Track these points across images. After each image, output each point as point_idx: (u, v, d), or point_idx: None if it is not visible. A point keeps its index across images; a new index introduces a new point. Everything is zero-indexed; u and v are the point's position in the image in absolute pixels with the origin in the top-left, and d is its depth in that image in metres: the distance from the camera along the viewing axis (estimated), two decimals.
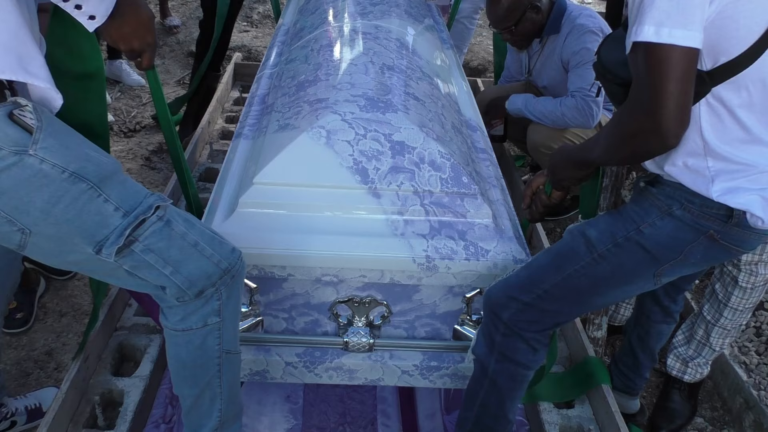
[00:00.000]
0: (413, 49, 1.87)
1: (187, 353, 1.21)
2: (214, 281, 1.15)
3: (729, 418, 2.03)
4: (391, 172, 1.34)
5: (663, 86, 1.01)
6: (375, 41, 1.77)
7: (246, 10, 4.90)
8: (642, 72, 1.05)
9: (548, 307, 1.32)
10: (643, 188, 1.25)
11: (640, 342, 1.82)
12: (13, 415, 1.72)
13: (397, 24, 1.97)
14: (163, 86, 3.85)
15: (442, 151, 1.37)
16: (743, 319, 1.85)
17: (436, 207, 1.35)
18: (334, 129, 1.35)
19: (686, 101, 1.03)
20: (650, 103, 1.03)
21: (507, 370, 1.39)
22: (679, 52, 1.01)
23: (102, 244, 1.04)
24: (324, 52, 1.73)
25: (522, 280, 1.33)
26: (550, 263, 1.31)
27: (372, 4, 2.11)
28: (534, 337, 1.35)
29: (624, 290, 1.31)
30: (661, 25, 1.00)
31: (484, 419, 1.45)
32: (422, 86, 1.64)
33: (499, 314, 1.34)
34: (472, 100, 1.97)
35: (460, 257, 1.34)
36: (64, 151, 1.00)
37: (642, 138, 1.08)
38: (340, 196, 1.34)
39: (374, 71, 1.57)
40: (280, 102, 1.62)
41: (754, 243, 1.21)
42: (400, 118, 1.39)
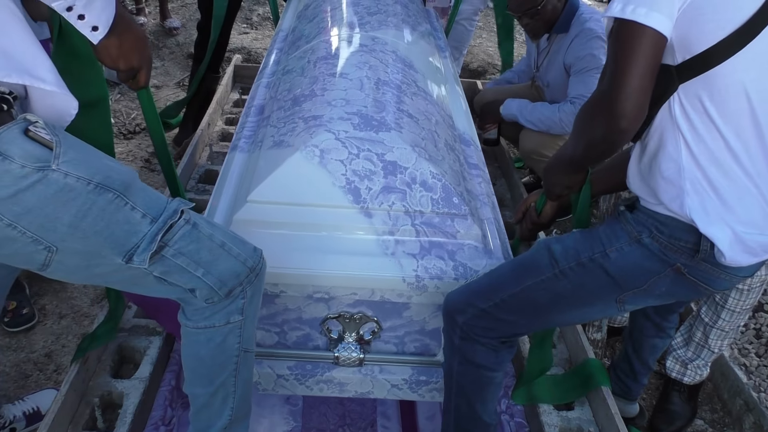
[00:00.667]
0: (409, 61, 1.87)
1: (207, 351, 1.21)
2: (242, 280, 1.15)
3: (729, 420, 2.03)
4: (383, 192, 1.36)
5: (623, 64, 1.02)
6: (371, 54, 1.78)
7: (245, 11, 4.90)
8: (612, 48, 1.06)
9: (504, 317, 1.31)
10: (620, 212, 1.23)
11: (635, 353, 1.83)
12: (11, 422, 1.72)
13: (393, 35, 1.98)
14: (163, 88, 3.86)
15: (434, 171, 1.39)
16: (741, 321, 1.85)
17: (426, 227, 1.37)
18: (328, 148, 1.37)
19: (643, 84, 1.03)
20: (608, 82, 1.04)
21: (470, 373, 1.38)
22: (641, 31, 1.02)
23: (132, 252, 1.03)
24: (320, 65, 1.74)
25: (482, 286, 1.32)
26: (512, 273, 1.30)
27: (369, 14, 2.11)
28: (491, 342, 1.34)
29: (585, 311, 1.29)
30: (628, 3, 1.02)
31: (461, 423, 1.45)
32: (417, 102, 1.65)
33: (455, 318, 1.34)
34: (467, 112, 1.98)
35: (449, 277, 1.37)
36: (86, 163, 1.00)
37: (596, 121, 1.08)
38: (332, 215, 1.36)
39: (369, 87, 1.58)
40: (275, 116, 1.63)
41: (724, 283, 1.18)
42: (393, 138, 1.40)
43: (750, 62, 1.06)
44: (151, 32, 4.42)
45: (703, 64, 1.06)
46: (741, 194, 1.11)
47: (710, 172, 1.10)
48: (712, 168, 1.10)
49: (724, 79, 1.07)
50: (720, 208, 1.10)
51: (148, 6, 4.69)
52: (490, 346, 1.35)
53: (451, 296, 1.37)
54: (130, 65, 1.15)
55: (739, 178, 1.10)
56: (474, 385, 1.40)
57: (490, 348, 1.35)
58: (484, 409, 1.43)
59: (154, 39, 4.37)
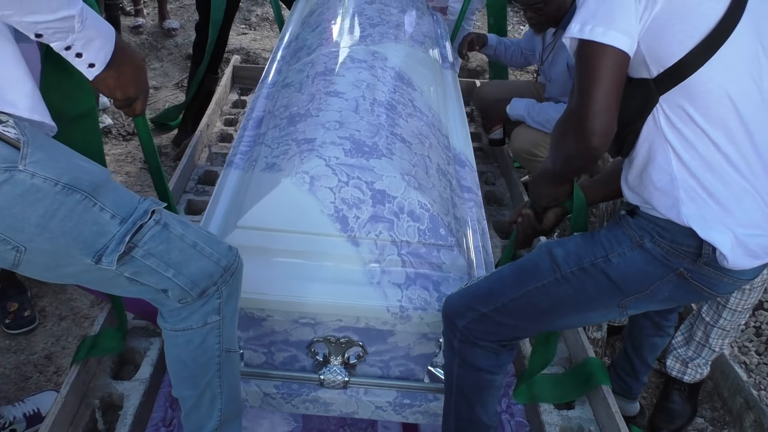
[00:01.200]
0: (408, 78, 1.87)
1: (187, 353, 1.21)
2: (215, 280, 1.15)
3: (729, 419, 2.03)
4: (371, 222, 1.37)
5: (588, 84, 1.04)
6: (370, 71, 1.78)
7: (244, 12, 4.90)
8: (575, 68, 1.08)
9: (505, 321, 1.30)
10: (621, 217, 1.23)
11: (635, 351, 1.83)
12: (11, 423, 1.72)
13: (394, 49, 1.98)
14: (161, 89, 3.86)
15: (422, 201, 1.39)
16: (742, 320, 1.85)
17: (412, 257, 1.38)
18: (318, 175, 1.37)
19: (609, 102, 1.05)
20: (576, 102, 1.07)
21: (469, 376, 1.38)
22: (602, 51, 1.04)
23: (101, 253, 1.03)
24: (318, 81, 1.74)
25: (482, 290, 1.32)
26: (512, 277, 1.29)
27: (372, 25, 2.11)
28: (490, 345, 1.34)
29: (586, 315, 1.29)
30: (585, 23, 1.05)
31: (462, 425, 1.44)
32: (411, 124, 1.65)
33: (454, 321, 1.33)
34: (465, 130, 1.97)
35: (433, 308, 1.37)
36: (55, 163, 0.99)
37: (569, 140, 1.10)
38: (319, 242, 1.37)
39: (364, 108, 1.58)
40: (271, 134, 1.63)
41: (728, 287, 1.17)
42: (384, 165, 1.41)
43: (726, 66, 1.07)
44: (149, 33, 4.42)
45: (678, 75, 1.07)
46: (739, 197, 1.10)
47: (704, 179, 1.10)
48: (706, 174, 1.10)
49: (703, 86, 1.07)
50: (719, 212, 1.10)
51: (146, 7, 4.69)
52: (490, 349, 1.34)
53: (450, 299, 1.36)
54: (127, 95, 1.16)
55: (735, 181, 1.10)
56: (474, 388, 1.39)
57: (490, 351, 1.34)
58: (485, 411, 1.43)
59: (153, 40, 4.37)
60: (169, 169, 3.07)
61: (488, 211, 2.36)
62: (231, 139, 2.66)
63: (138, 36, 4.35)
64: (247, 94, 3.05)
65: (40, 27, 0.96)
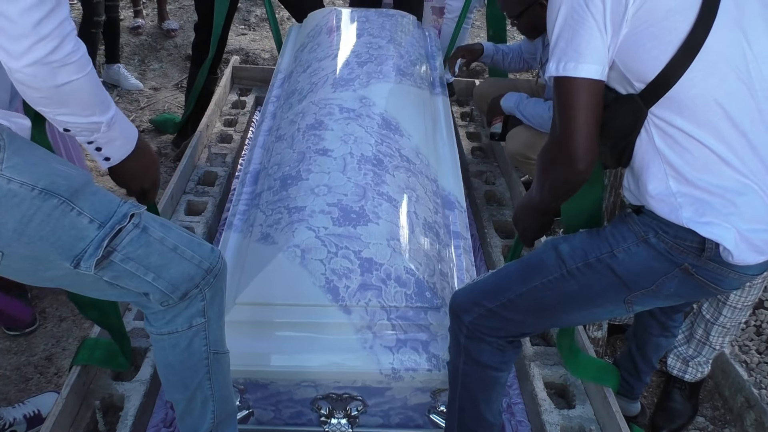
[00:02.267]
0: (395, 124, 1.91)
1: (175, 356, 1.20)
2: (197, 282, 1.15)
3: (730, 417, 2.03)
4: (360, 290, 1.44)
5: (568, 115, 1.10)
6: (357, 121, 1.84)
7: (243, 13, 4.90)
8: (554, 104, 1.14)
9: (511, 317, 1.31)
10: (627, 214, 1.24)
11: (639, 351, 1.82)
12: (12, 425, 1.72)
13: (381, 92, 2.02)
14: (161, 90, 3.87)
15: (408, 266, 1.47)
16: (742, 317, 1.85)
17: (401, 321, 1.46)
18: (308, 248, 1.45)
19: (589, 128, 1.10)
20: (559, 131, 1.12)
21: (475, 372, 1.38)
22: (575, 83, 1.10)
23: (80, 257, 1.02)
24: (308, 137, 1.80)
25: (489, 285, 1.33)
26: (519, 273, 1.30)
27: (360, 64, 2.15)
28: (497, 341, 1.35)
29: (593, 311, 1.29)
30: (560, 61, 1.11)
31: (466, 423, 1.45)
32: (398, 178, 1.70)
33: (461, 317, 1.35)
34: (456, 164, 2.01)
35: (423, 368, 1.44)
36: (31, 167, 0.98)
37: (556, 167, 1.15)
38: (313, 313, 1.44)
39: (352, 167, 1.65)
40: (265, 198, 1.69)
41: (733, 283, 1.18)
42: (370, 232, 1.48)
43: (707, 71, 1.09)
44: (149, 34, 4.42)
45: (661, 87, 1.10)
46: (739, 193, 1.11)
47: (701, 181, 1.11)
48: (702, 176, 1.11)
49: (687, 93, 1.09)
50: (720, 209, 1.10)
51: (146, 8, 4.69)
52: (496, 345, 1.35)
53: (457, 295, 1.38)
54: (140, 187, 1.24)
55: (733, 179, 1.11)
56: (479, 384, 1.40)
57: (496, 347, 1.35)
58: (489, 408, 1.43)
59: (152, 41, 4.37)
60: (169, 170, 3.07)
61: (488, 210, 2.36)
62: (230, 140, 2.66)
63: (137, 37, 4.35)
64: (247, 94, 3.05)
65: (70, 125, 1.03)
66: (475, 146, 2.78)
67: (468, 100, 3.13)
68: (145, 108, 3.67)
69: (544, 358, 1.79)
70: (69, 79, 0.96)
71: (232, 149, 2.58)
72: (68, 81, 0.96)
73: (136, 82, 3.82)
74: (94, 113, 1.03)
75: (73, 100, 0.99)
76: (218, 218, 2.30)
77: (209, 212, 2.22)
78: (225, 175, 2.43)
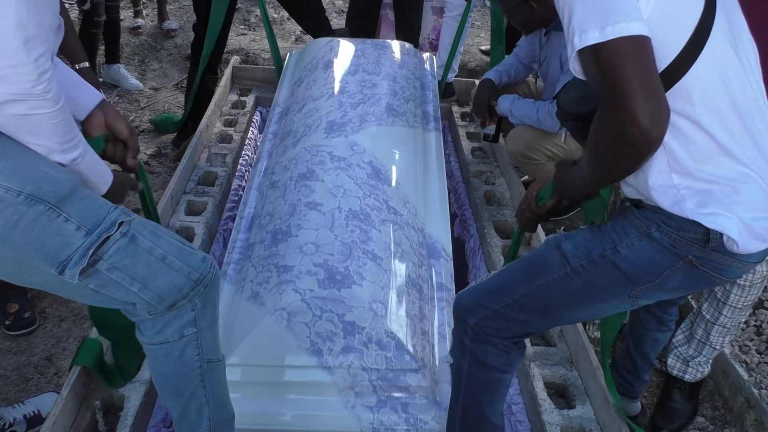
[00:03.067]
0: (384, 173, 1.95)
1: (167, 366, 1.19)
2: (185, 293, 1.12)
3: (730, 417, 2.03)
4: (343, 353, 1.51)
5: (625, 78, 0.96)
6: (347, 171, 1.89)
7: (243, 13, 4.90)
8: (599, 74, 1.00)
9: (517, 317, 1.30)
10: (626, 208, 1.23)
11: (636, 348, 1.82)
12: (11, 425, 1.72)
13: (373, 138, 2.06)
14: (161, 90, 3.87)
15: (389, 329, 1.53)
16: (742, 317, 1.85)
17: (382, 382, 1.52)
18: (295, 311, 1.51)
19: (654, 85, 0.98)
20: (618, 98, 0.98)
21: (479, 374, 1.38)
22: (628, 42, 0.97)
23: (65, 264, 1.00)
24: (299, 188, 1.85)
25: (492, 287, 1.33)
26: (522, 272, 1.30)
27: (353, 105, 2.19)
28: (502, 342, 1.34)
29: (598, 308, 1.29)
30: (605, 25, 0.98)
31: (468, 423, 1.45)
32: (384, 233, 1.75)
33: (466, 319, 1.34)
34: (444, 213, 2.04)
35: (402, 428, 1.50)
36: (18, 172, 0.97)
37: (623, 137, 1.00)
38: (299, 373, 1.52)
39: (339, 223, 1.71)
40: (257, 252, 1.74)
41: (737, 271, 1.17)
42: (354, 295, 1.55)
43: (715, 57, 1.08)
44: (149, 34, 4.42)
45: (673, 77, 1.07)
46: (740, 182, 1.11)
47: (703, 172, 1.10)
48: (704, 166, 1.10)
49: (700, 80, 1.08)
50: (722, 199, 1.10)
51: (146, 8, 4.69)
52: (502, 346, 1.35)
53: (461, 297, 1.37)
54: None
55: (734, 168, 1.11)
56: (484, 386, 1.40)
57: (501, 349, 1.35)
58: (492, 410, 1.43)
59: (152, 41, 4.37)
60: (169, 170, 3.07)
61: (488, 211, 2.36)
62: (231, 140, 2.66)
63: (137, 37, 4.35)
64: (247, 94, 3.05)
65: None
66: (475, 146, 2.78)
67: (468, 100, 3.13)
68: (145, 108, 3.67)
69: (544, 358, 1.79)
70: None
71: (232, 149, 2.58)
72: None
73: (136, 82, 3.83)
74: (52, 154, 1.04)
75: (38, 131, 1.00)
76: (218, 218, 2.30)
77: (209, 212, 2.22)
78: (225, 175, 2.43)
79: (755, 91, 1.15)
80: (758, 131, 1.13)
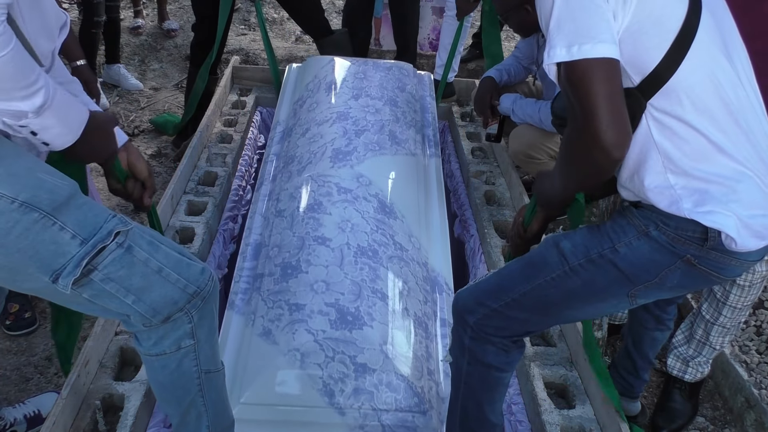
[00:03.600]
0: (390, 206, 1.97)
1: (165, 377, 1.18)
2: (181, 306, 1.10)
3: (730, 418, 2.03)
4: (354, 394, 1.53)
5: (590, 99, 1.01)
6: (354, 205, 1.89)
7: (243, 13, 4.90)
8: (568, 91, 1.05)
9: (516, 315, 1.31)
10: (625, 207, 1.24)
11: (635, 347, 1.82)
12: (12, 425, 1.72)
13: (377, 168, 2.07)
14: (161, 90, 3.87)
15: (398, 372, 1.56)
16: (742, 317, 1.85)
17: (391, 422, 1.55)
18: (308, 351, 1.54)
19: (617, 109, 1.02)
20: (583, 118, 1.03)
21: (479, 373, 1.38)
22: (595, 63, 1.02)
23: (59, 273, 0.99)
24: (307, 220, 1.85)
25: (491, 285, 1.33)
26: (521, 271, 1.30)
27: (357, 133, 2.19)
28: (502, 341, 1.35)
29: (597, 306, 1.30)
30: (571, 44, 1.02)
31: (467, 423, 1.45)
32: (391, 269, 1.76)
33: (465, 318, 1.35)
34: (445, 239, 2.06)
35: None
36: (13, 178, 0.95)
37: (587, 155, 1.07)
38: (311, 414, 1.53)
39: (348, 260, 1.73)
40: (266, 285, 1.73)
41: (736, 270, 1.18)
42: (365, 336, 1.57)
43: (702, 57, 1.09)
44: (149, 34, 4.42)
45: (661, 77, 1.08)
46: (737, 180, 1.11)
47: (698, 171, 1.11)
48: (699, 165, 1.11)
49: (687, 81, 1.09)
50: (720, 198, 1.11)
51: (146, 8, 4.69)
52: (501, 345, 1.35)
53: (460, 296, 1.38)
54: (94, 162, 1.19)
55: (729, 166, 1.11)
56: (483, 385, 1.40)
57: (501, 348, 1.35)
58: (492, 409, 1.43)
59: (152, 41, 4.37)
60: (169, 170, 3.07)
61: (488, 211, 2.36)
62: (231, 140, 2.65)
63: (137, 37, 4.35)
64: (247, 94, 3.05)
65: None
66: (475, 146, 2.78)
67: (468, 100, 3.13)
68: (145, 108, 3.67)
69: (544, 358, 1.79)
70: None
71: (232, 149, 2.58)
72: None
73: (136, 82, 3.83)
74: (11, 99, 0.94)
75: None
76: (218, 218, 2.29)
77: (209, 212, 2.22)
78: (225, 175, 2.43)
79: (747, 90, 1.16)
80: (752, 129, 1.14)
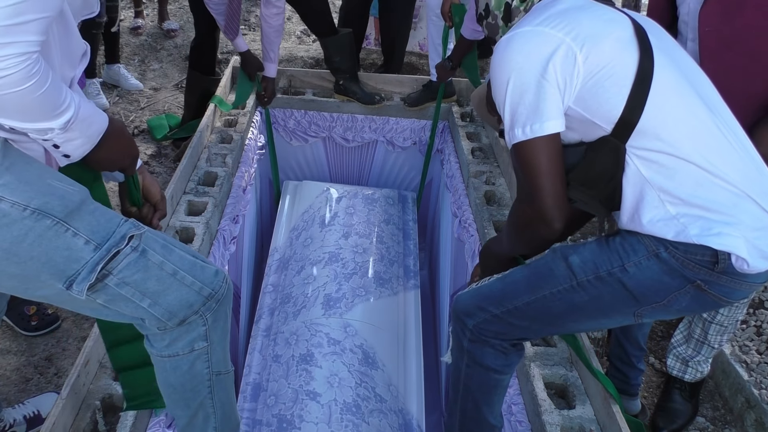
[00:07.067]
0: (372, 356, 2.14)
1: (176, 378, 1.18)
2: (196, 309, 1.11)
3: (730, 418, 2.03)
4: None
5: (535, 177, 1.14)
6: (341, 357, 2.07)
7: (243, 13, 4.90)
8: (518, 168, 1.17)
9: (518, 323, 1.31)
10: None
11: (624, 334, 1.83)
12: (12, 426, 1.72)
13: (363, 318, 2.22)
14: (161, 90, 3.86)
15: None
16: (740, 315, 1.85)
17: None
18: None
19: (558, 186, 1.14)
20: (529, 194, 1.15)
21: (477, 375, 1.39)
22: (540, 142, 1.12)
23: (73, 279, 0.98)
24: (300, 372, 2.02)
25: (494, 292, 1.33)
26: (526, 280, 1.30)
27: (346, 276, 2.37)
28: (501, 344, 1.35)
29: (601, 322, 1.29)
30: (524, 126, 1.13)
31: (467, 424, 1.46)
32: (372, 424, 1.89)
33: (464, 321, 1.35)
34: (420, 377, 2.20)
35: None
36: (24, 186, 0.94)
37: (530, 227, 1.19)
38: None
39: (336, 417, 1.86)
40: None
41: (743, 293, 1.17)
42: None
43: (666, 93, 1.12)
44: (149, 34, 4.42)
45: (629, 123, 1.12)
46: (735, 203, 1.12)
47: (697, 198, 1.12)
48: (697, 192, 1.12)
49: (657, 119, 1.12)
50: (725, 221, 1.11)
51: (146, 8, 4.69)
52: (500, 348, 1.35)
53: (461, 299, 1.38)
54: (120, 168, 1.16)
55: (725, 190, 1.12)
56: (482, 387, 1.40)
57: (499, 351, 1.35)
58: (491, 411, 1.43)
59: (152, 41, 4.37)
60: (169, 170, 3.07)
61: (488, 211, 2.36)
62: (230, 140, 2.65)
63: (137, 37, 4.35)
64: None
65: (18, 128, 0.93)
66: (475, 146, 2.78)
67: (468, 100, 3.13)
68: (145, 108, 3.67)
69: (544, 358, 1.78)
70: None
71: (232, 149, 2.58)
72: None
73: (136, 83, 3.82)
74: (41, 119, 0.92)
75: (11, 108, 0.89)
76: (218, 218, 2.29)
77: (209, 212, 2.22)
78: (225, 175, 2.43)
79: (721, 112, 1.18)
80: (734, 149, 1.15)
